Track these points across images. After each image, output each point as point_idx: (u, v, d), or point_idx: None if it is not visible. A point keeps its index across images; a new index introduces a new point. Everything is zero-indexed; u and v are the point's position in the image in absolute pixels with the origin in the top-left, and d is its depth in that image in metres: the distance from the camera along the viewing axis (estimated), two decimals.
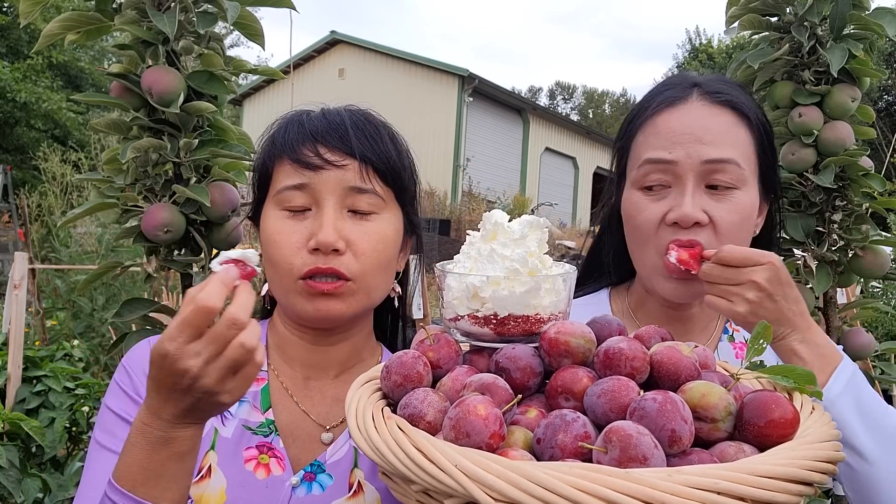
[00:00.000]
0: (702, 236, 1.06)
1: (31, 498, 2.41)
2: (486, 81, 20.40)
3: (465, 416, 0.73)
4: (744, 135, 1.10)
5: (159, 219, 1.42)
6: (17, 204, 8.40)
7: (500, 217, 0.94)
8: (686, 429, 0.71)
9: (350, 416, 0.81)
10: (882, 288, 4.81)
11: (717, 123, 1.08)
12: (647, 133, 1.12)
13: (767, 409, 0.75)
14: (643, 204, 1.11)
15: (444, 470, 0.67)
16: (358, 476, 1.05)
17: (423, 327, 0.95)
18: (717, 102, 1.10)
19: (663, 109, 1.11)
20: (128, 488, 0.83)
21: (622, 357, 0.80)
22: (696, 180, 1.07)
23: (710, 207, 1.06)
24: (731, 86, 1.15)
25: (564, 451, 0.72)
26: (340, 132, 1.05)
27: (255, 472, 1.02)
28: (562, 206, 22.94)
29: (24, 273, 3.47)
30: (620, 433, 0.68)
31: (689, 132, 1.07)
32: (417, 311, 1.15)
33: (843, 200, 1.69)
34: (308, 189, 1.03)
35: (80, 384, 3.09)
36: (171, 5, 1.39)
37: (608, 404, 0.75)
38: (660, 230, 1.09)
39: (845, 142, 1.63)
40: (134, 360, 1.05)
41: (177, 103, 1.39)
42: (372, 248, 1.04)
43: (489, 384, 0.81)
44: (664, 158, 1.08)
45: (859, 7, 1.62)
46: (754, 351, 0.89)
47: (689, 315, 1.22)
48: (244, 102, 22.13)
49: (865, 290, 3.16)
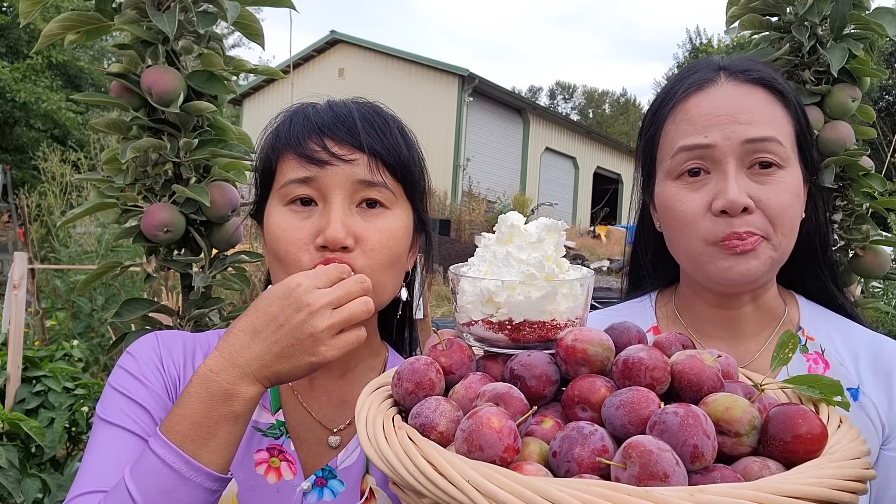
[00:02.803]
0: (753, 222, 0.98)
1: (30, 498, 2.41)
2: (487, 81, 20.40)
3: (478, 428, 0.70)
4: (780, 112, 1.03)
5: (159, 219, 1.42)
6: (17, 204, 8.39)
7: (516, 219, 0.90)
8: (709, 444, 0.69)
9: (360, 424, 0.79)
10: (882, 288, 4.81)
11: (753, 102, 1.01)
12: (678, 120, 1.04)
13: (794, 424, 0.72)
14: (682, 194, 1.02)
15: (455, 485, 0.65)
16: (370, 482, 1.02)
17: (436, 331, 0.92)
18: (749, 81, 1.03)
19: (692, 94, 1.04)
20: (177, 442, 0.80)
21: (642, 367, 0.77)
22: (738, 163, 0.99)
23: (757, 191, 0.98)
24: (759, 64, 1.08)
25: (581, 466, 0.69)
26: (348, 125, 1.00)
27: (266, 477, 0.99)
28: (562, 206, 22.93)
29: (23, 273, 3.46)
30: (640, 449, 0.65)
31: (723, 113, 1.00)
32: (418, 312, 1.14)
33: (844, 200, 1.69)
34: (314, 183, 0.98)
35: (80, 384, 3.09)
36: (171, 5, 1.39)
37: (627, 416, 0.72)
38: (706, 220, 1.00)
39: (846, 142, 1.62)
40: (140, 347, 1.01)
41: (177, 103, 1.39)
42: (382, 245, 0.99)
43: (503, 394, 0.78)
44: (700, 143, 1.00)
45: (859, 7, 1.62)
46: (779, 360, 0.86)
47: (742, 315, 1.10)
48: (244, 102, 22.13)
49: (866, 290, 3.16)
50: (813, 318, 1.13)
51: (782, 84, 1.05)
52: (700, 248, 1.02)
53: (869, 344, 1.10)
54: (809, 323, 1.12)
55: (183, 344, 1.03)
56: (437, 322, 7.53)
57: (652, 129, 1.10)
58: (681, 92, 1.06)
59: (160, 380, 0.98)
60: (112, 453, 0.89)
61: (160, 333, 1.04)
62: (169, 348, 1.01)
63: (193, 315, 1.51)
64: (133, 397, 0.95)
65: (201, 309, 1.51)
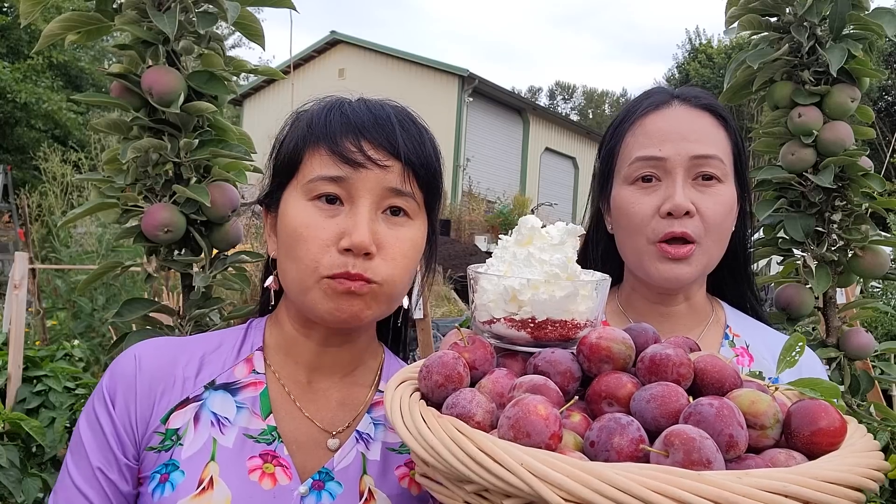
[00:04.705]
0: (690, 225, 1.15)
1: (31, 498, 2.41)
2: (486, 81, 20.39)
3: (525, 415, 0.71)
4: (723, 135, 1.21)
5: (159, 219, 1.42)
6: (18, 204, 8.40)
7: (535, 222, 0.94)
8: (742, 434, 0.71)
9: (395, 417, 0.79)
10: (882, 288, 4.81)
11: (701, 125, 1.19)
12: (637, 134, 1.21)
13: (816, 418, 0.76)
14: (636, 197, 1.19)
15: (510, 470, 0.65)
16: (368, 483, 1.01)
17: (457, 328, 0.93)
18: (698, 106, 1.21)
19: (650, 112, 1.21)
20: None
21: (669, 363, 0.80)
22: (685, 174, 1.16)
23: (698, 199, 1.16)
24: (706, 93, 1.26)
25: (621, 455, 0.70)
26: (387, 130, 0.97)
27: (261, 483, 0.96)
28: (562, 206, 22.92)
29: (24, 273, 3.47)
30: (683, 436, 0.67)
31: (675, 131, 1.17)
32: (418, 312, 1.14)
33: (843, 200, 1.69)
34: (345, 184, 0.96)
35: (81, 384, 3.09)
36: (171, 5, 1.39)
37: (658, 409, 0.74)
38: (653, 221, 1.17)
39: (845, 142, 1.63)
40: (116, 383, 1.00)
41: (177, 103, 1.39)
42: (403, 254, 0.98)
43: (540, 385, 0.80)
44: (655, 155, 1.17)
45: (859, 7, 1.62)
46: (786, 363, 0.89)
47: (677, 312, 1.26)
48: (244, 102, 22.12)
49: (865, 290, 3.16)
50: (737, 320, 1.31)
51: (725, 112, 1.23)
52: (644, 247, 1.18)
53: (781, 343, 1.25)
54: (735, 323, 1.30)
55: (163, 360, 1.02)
56: (436, 322, 7.52)
57: (612, 142, 1.26)
58: (640, 110, 1.23)
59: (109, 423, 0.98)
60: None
61: (141, 352, 1.02)
62: (143, 372, 1.00)
63: (194, 315, 1.51)
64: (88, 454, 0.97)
65: (202, 309, 1.52)
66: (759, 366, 1.23)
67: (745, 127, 5.24)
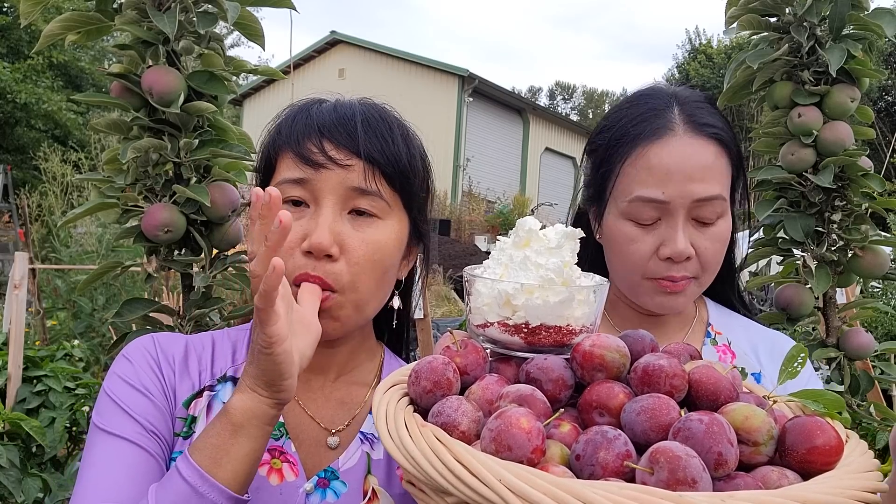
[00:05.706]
0: (689, 267, 1.14)
1: (31, 498, 2.41)
2: (486, 81, 20.40)
3: (507, 428, 0.69)
4: (725, 164, 1.16)
5: (159, 219, 1.42)
6: (18, 204, 8.41)
7: (533, 224, 0.91)
8: (732, 452, 0.69)
9: (380, 423, 0.78)
10: (882, 288, 4.81)
11: (704, 158, 1.13)
12: (638, 166, 1.14)
13: (811, 436, 0.73)
14: (634, 235, 1.15)
15: (487, 484, 0.64)
16: (372, 483, 1.01)
17: (451, 332, 0.92)
18: (703, 136, 1.14)
19: (652, 143, 1.13)
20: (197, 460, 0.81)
21: (662, 374, 0.77)
22: (686, 216, 1.13)
23: (696, 239, 1.13)
24: (710, 113, 1.18)
25: (606, 470, 0.69)
26: (349, 128, 0.97)
27: (269, 478, 0.97)
28: (562, 207, 22.90)
29: (24, 273, 3.47)
30: (668, 454, 0.65)
31: (679, 170, 1.11)
32: (418, 312, 1.14)
33: (843, 200, 1.69)
34: (308, 186, 0.96)
35: (81, 384, 3.09)
36: (171, 5, 1.39)
37: (648, 423, 0.72)
38: (650, 262, 1.14)
39: (844, 142, 1.63)
40: (135, 351, 1.00)
41: (177, 103, 1.39)
42: (367, 258, 0.97)
43: (527, 396, 0.77)
44: (657, 198, 1.12)
45: (858, 7, 1.62)
46: (788, 374, 0.86)
47: (664, 319, 1.24)
48: (244, 102, 22.13)
49: (865, 290, 3.16)
50: (720, 317, 1.30)
51: (728, 134, 1.17)
52: (638, 281, 1.17)
53: (766, 338, 1.28)
54: (717, 321, 1.29)
55: (181, 346, 1.03)
56: (436, 322, 7.52)
57: (608, 164, 1.18)
58: (642, 136, 1.14)
59: (157, 384, 0.97)
60: (115, 466, 0.89)
61: (157, 335, 1.03)
62: (165, 351, 1.01)
63: (194, 315, 1.51)
64: (129, 407, 0.94)
65: (202, 309, 1.52)
66: (741, 362, 1.22)
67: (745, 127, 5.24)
